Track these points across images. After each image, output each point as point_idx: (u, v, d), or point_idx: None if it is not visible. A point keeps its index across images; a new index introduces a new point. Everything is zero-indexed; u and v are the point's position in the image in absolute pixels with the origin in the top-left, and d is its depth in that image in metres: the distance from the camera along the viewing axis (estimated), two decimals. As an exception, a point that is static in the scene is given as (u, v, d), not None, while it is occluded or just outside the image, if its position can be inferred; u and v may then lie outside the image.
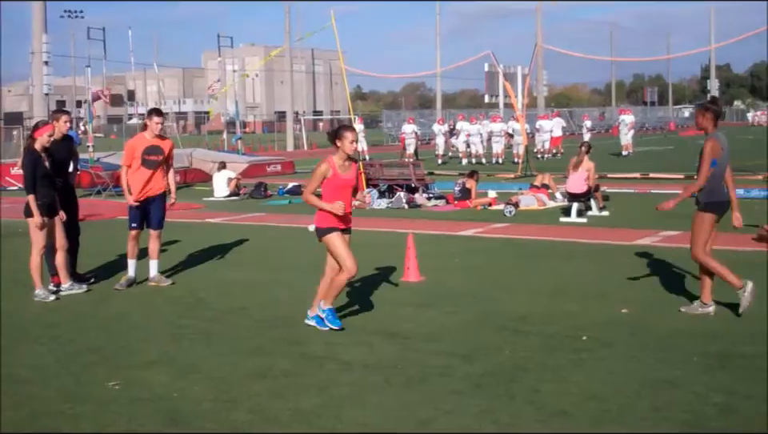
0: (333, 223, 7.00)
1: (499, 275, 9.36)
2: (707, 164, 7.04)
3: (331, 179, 7.01)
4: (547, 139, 35.71)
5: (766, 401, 5.03)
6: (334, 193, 7.00)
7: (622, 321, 7.13)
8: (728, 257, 10.04)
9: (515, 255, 10.75)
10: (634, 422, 4.78)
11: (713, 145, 7.06)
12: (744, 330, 6.70)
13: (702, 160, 7.07)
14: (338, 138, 7.02)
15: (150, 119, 9.16)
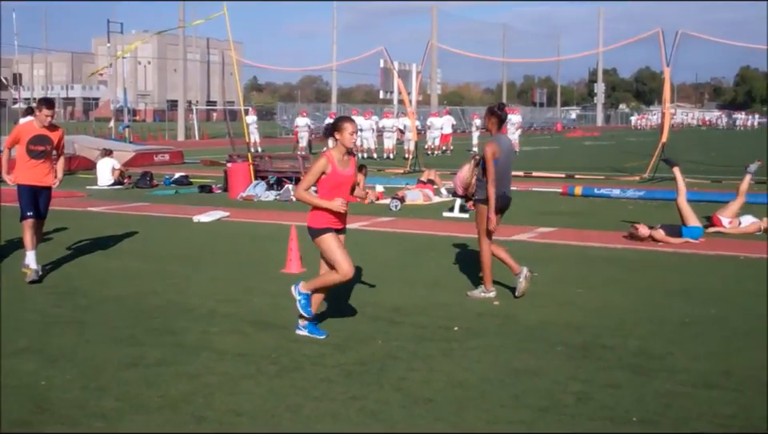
0: (328, 223, 6.48)
1: (380, 267, 9.51)
2: (491, 165, 7.68)
3: (330, 176, 6.45)
4: (437, 136, 36.29)
5: (623, 389, 5.31)
6: (333, 190, 6.47)
7: (493, 312, 7.38)
8: (600, 254, 10.51)
9: (397, 248, 10.93)
10: (494, 409, 4.98)
11: (493, 148, 7.73)
12: (606, 323, 7.01)
13: (486, 162, 7.75)
14: (337, 130, 6.51)
15: (39, 110, 8.89)
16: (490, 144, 7.80)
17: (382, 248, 10.94)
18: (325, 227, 6.48)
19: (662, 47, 22.41)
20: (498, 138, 7.90)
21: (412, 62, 45.35)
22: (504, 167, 7.87)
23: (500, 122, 7.89)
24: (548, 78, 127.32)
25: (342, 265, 6.39)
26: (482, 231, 7.96)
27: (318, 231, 6.50)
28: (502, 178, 7.85)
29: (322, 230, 6.48)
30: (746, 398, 5.17)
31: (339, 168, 6.48)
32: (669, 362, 5.92)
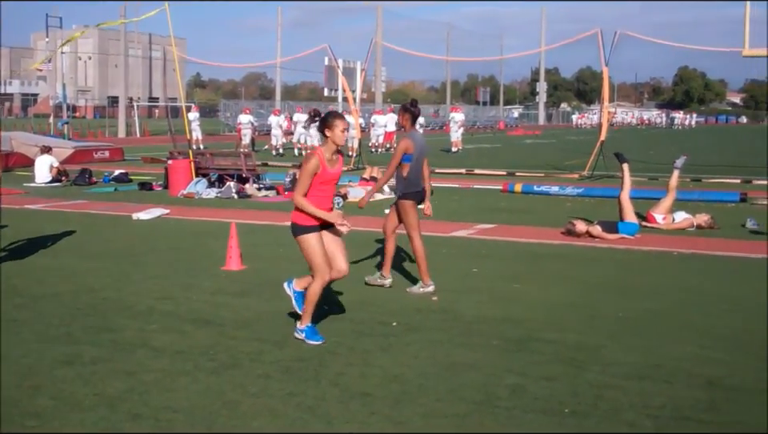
0: (315, 221, 6.26)
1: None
2: (396, 160, 7.97)
3: (319, 175, 6.21)
4: (381, 134, 36.39)
5: (557, 381, 5.41)
6: (319, 188, 6.25)
7: (432, 308, 7.44)
8: (538, 250, 10.66)
9: (376, 248, 10.91)
10: (430, 403, 5.04)
11: (407, 143, 7.93)
12: (543, 317, 7.12)
13: (393, 156, 8.01)
14: (327, 126, 6.25)
15: None
16: (404, 140, 8.00)
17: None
18: (310, 225, 6.24)
19: (600, 47, 22.80)
20: (412, 134, 8.11)
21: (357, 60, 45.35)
22: (418, 163, 8.06)
23: (413, 118, 8.12)
24: (491, 77, 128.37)
25: (319, 270, 6.21)
26: (410, 226, 8.12)
27: (302, 228, 6.24)
28: (416, 174, 8.06)
29: (307, 228, 6.23)
30: (675, 389, 5.30)
31: (328, 167, 6.26)
32: (602, 355, 6.04)
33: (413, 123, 8.15)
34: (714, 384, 5.40)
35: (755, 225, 12.53)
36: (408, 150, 7.93)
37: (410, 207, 8.10)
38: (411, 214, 8.11)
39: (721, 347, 6.21)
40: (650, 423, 4.71)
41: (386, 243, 8.39)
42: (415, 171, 8.02)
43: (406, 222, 8.13)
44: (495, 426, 4.67)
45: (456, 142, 36.42)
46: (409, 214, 8.10)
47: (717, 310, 7.42)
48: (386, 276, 8.31)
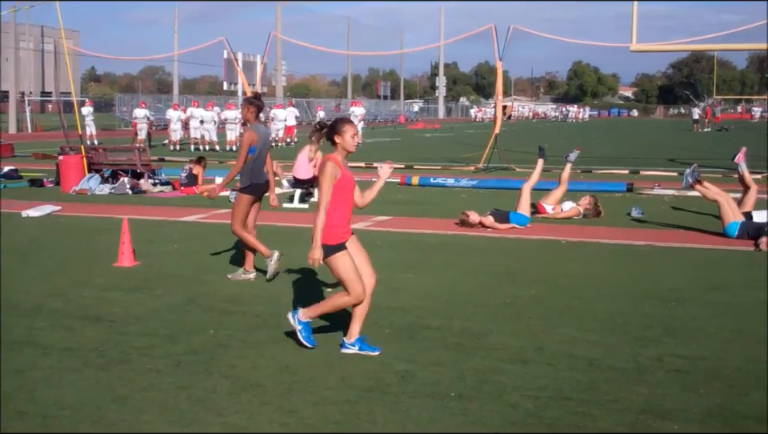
0: (343, 237, 5.88)
1: (216, 259, 9.51)
2: (245, 151, 8.14)
3: (341, 181, 5.86)
4: (281, 128, 36.26)
5: (444, 366, 5.58)
6: (344, 195, 5.91)
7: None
8: (432, 240, 10.86)
9: (235, 240, 10.90)
10: (321, 391, 5.13)
11: (250, 135, 8.19)
12: (434, 305, 7.30)
13: (240, 148, 8.20)
14: (337, 133, 5.97)
15: None
16: (249, 132, 8.22)
17: (218, 240, 10.89)
18: (340, 242, 5.85)
19: (494, 42, 23.27)
20: (256, 127, 8.33)
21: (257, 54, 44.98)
22: (261, 155, 8.27)
23: (258, 111, 8.36)
24: (392, 72, 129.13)
25: (356, 287, 5.77)
26: (236, 218, 8.29)
27: (333, 248, 5.80)
28: (260, 166, 8.28)
29: (338, 247, 5.83)
30: (556, 370, 5.53)
31: (347, 171, 5.98)
32: (488, 340, 6.24)
33: (257, 116, 8.37)
34: (593, 365, 5.65)
35: (639, 213, 13.06)
36: (252, 142, 8.12)
37: (245, 201, 8.31)
38: (242, 207, 8.31)
39: (599, 330, 6.50)
40: (531, 405, 4.90)
41: (242, 239, 8.48)
42: (259, 164, 8.25)
43: (234, 211, 8.35)
44: (384, 411, 4.79)
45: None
46: (240, 207, 8.30)
47: (596, 294, 7.75)
48: (249, 271, 8.39)
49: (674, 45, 26.82)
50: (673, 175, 20.20)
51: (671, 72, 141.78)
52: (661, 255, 9.91)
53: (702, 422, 4.65)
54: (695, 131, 59.78)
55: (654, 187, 17.05)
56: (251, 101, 8.40)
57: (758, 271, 8.87)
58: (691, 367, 5.62)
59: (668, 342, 6.19)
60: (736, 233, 10.83)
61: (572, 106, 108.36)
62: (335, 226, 5.86)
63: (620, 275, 8.65)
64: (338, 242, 5.84)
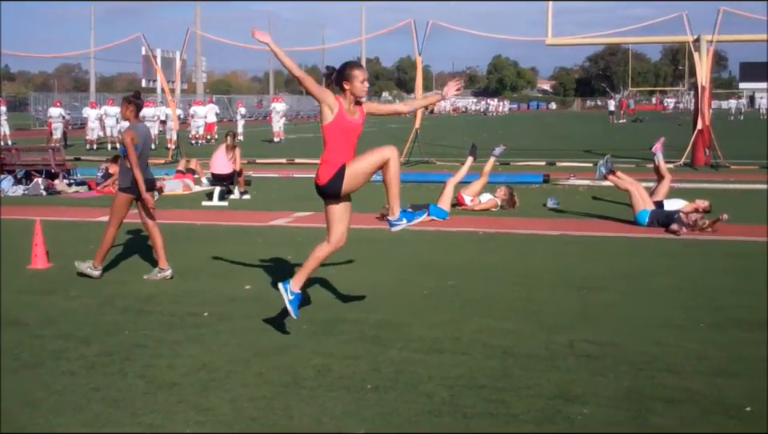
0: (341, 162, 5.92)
1: (135, 258, 9.39)
2: (132, 151, 8.07)
3: (337, 119, 5.84)
4: (201, 125, 35.88)
5: (360, 359, 5.62)
6: (340, 137, 5.88)
7: (244, 296, 7.51)
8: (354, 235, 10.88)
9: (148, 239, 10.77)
10: (238, 388, 5.12)
11: (132, 135, 8.13)
12: (353, 299, 7.34)
13: (127, 148, 8.09)
14: (345, 79, 5.85)
15: None
16: (128, 131, 8.16)
17: (135, 240, 10.75)
18: (340, 166, 5.93)
19: (413, 37, 23.44)
20: (135, 126, 8.29)
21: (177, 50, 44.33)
22: (143, 155, 8.23)
23: (137, 109, 8.31)
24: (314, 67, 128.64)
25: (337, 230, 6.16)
26: (113, 216, 8.28)
27: (338, 173, 5.94)
28: (142, 165, 8.22)
29: (341, 169, 5.93)
30: (472, 359, 5.63)
31: (347, 115, 5.90)
32: (405, 332, 6.32)
33: (136, 115, 8.33)
34: (508, 353, 5.77)
35: (555, 204, 13.34)
36: (134, 140, 8.08)
37: (125, 200, 8.28)
38: (122, 206, 8.29)
39: (514, 319, 6.63)
40: (446, 393, 4.99)
41: (151, 236, 8.45)
42: (141, 163, 8.17)
43: (112, 210, 8.32)
44: (300, 406, 4.82)
45: (278, 132, 36.42)
46: (120, 206, 8.28)
47: (512, 284, 7.91)
48: (164, 268, 8.31)
49: (588, 38, 27.42)
50: (588, 166, 20.64)
51: (588, 65, 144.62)
52: (574, 244, 10.16)
53: (611, 405, 4.79)
54: (611, 123, 61.22)
55: (570, 178, 17.43)
56: (130, 99, 8.35)
57: (668, 258, 9.16)
58: (601, 352, 5.78)
59: (580, 328, 6.35)
60: (646, 221, 11.16)
61: (492, 99, 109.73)
62: (332, 162, 5.96)
63: (535, 265, 8.84)
64: (336, 169, 5.93)
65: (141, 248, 9.83)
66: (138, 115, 8.39)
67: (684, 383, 5.12)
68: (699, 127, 21.61)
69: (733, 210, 12.79)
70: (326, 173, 6.00)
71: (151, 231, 8.39)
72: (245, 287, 7.88)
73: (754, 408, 4.72)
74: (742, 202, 14.02)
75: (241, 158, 15.21)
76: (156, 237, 8.38)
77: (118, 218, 8.31)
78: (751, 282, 7.90)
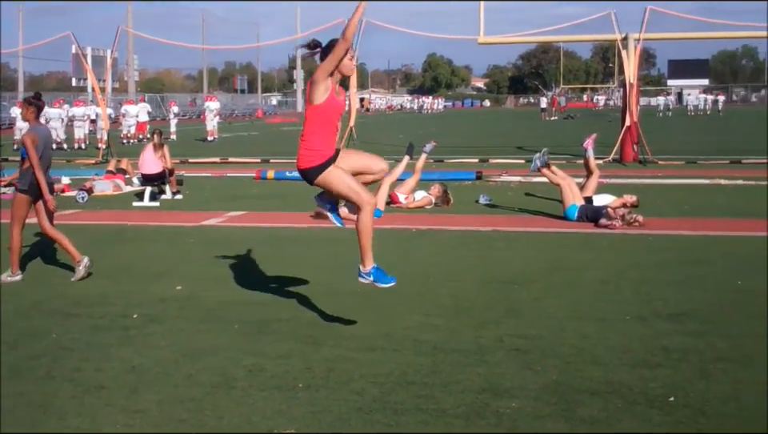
0: (327, 155, 5.78)
1: (62, 261, 9.22)
2: (34, 152, 8.00)
3: (330, 98, 5.74)
4: (133, 124, 35.35)
5: (292, 358, 5.62)
6: (329, 117, 5.78)
7: (175, 297, 7.44)
8: (286, 234, 10.88)
9: (81, 240, 10.59)
10: (167, 390, 5.09)
11: (32, 136, 8.09)
12: (284, 298, 7.31)
13: (28, 151, 8.02)
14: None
15: None
16: (29, 133, 8.10)
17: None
18: (325, 159, 5.80)
19: (347, 35, 23.41)
20: (36, 128, 8.22)
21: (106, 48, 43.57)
22: (44, 156, 8.16)
23: (38, 111, 8.24)
24: (249, 65, 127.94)
25: (360, 193, 5.85)
26: (15, 218, 8.21)
27: (319, 167, 5.81)
28: (43, 167, 8.13)
29: (324, 164, 5.80)
30: (402, 356, 5.68)
31: (336, 94, 5.82)
32: (337, 329, 6.34)
33: (37, 117, 8.27)
34: (438, 349, 5.83)
35: (487, 200, 13.50)
36: (35, 142, 8.01)
37: (25, 202, 8.21)
38: (23, 208, 8.22)
39: (445, 315, 6.70)
40: (376, 390, 5.02)
41: (11, 238, 8.29)
42: (42, 165, 8.08)
43: (13, 212, 8.24)
44: (230, 406, 4.81)
45: (212, 131, 36.09)
46: (21, 208, 8.21)
47: (443, 280, 7.99)
48: (79, 262, 8.22)
49: (519, 37, 27.75)
50: (520, 163, 20.97)
51: (521, 63, 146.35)
52: (506, 239, 10.29)
53: (539, 398, 4.88)
54: (543, 119, 62.07)
55: (502, 175, 17.64)
56: (30, 101, 8.26)
57: (595, 252, 9.34)
58: (530, 346, 5.88)
59: (509, 323, 6.45)
60: (575, 215, 11.37)
61: (427, 97, 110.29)
62: (316, 148, 5.81)
63: (466, 261, 8.93)
64: (321, 161, 5.80)
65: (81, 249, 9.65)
66: (39, 117, 8.31)
67: (609, 376, 5.24)
68: (627, 124, 22.04)
69: (660, 204, 13.13)
70: (311, 159, 5.86)
71: (51, 234, 8.35)
72: (176, 287, 7.80)
73: (677, 398, 4.85)
74: (668, 196, 14.35)
75: (171, 157, 15.06)
76: (60, 237, 8.35)
77: (19, 219, 8.22)
78: (675, 274, 8.11)
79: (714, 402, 4.79)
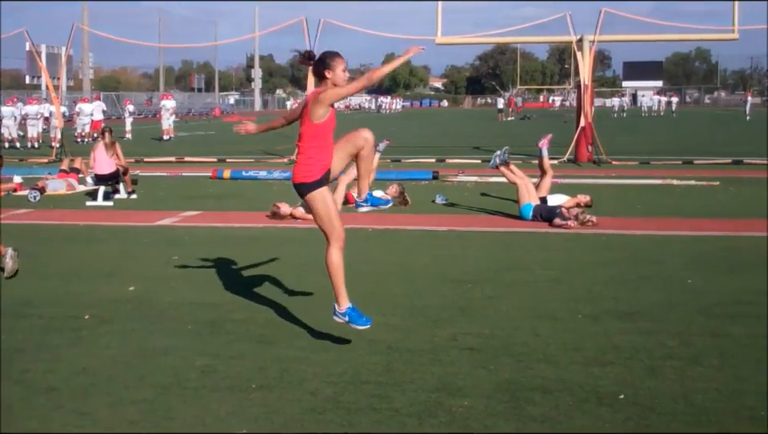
0: (326, 167, 5.67)
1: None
2: None
3: (331, 115, 5.69)
4: (87, 123, 34.90)
5: (246, 359, 5.60)
6: (328, 133, 5.69)
7: (127, 298, 7.36)
8: (241, 234, 10.82)
9: (34, 241, 10.46)
10: (118, 391, 5.04)
11: None
12: (238, 298, 7.27)
13: None
14: (328, 68, 5.62)
15: None
16: None
17: (14, 241, 10.40)
18: (321, 175, 5.65)
19: (305, 34, 23.40)
20: None
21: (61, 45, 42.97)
22: None
23: None
24: (207, 63, 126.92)
25: (337, 230, 5.73)
26: None
27: (314, 184, 5.66)
28: None
29: (319, 181, 5.66)
30: (356, 355, 5.68)
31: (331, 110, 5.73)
32: (292, 330, 6.32)
33: None
34: (392, 348, 5.84)
35: (443, 200, 13.56)
36: None
37: None
38: None
39: (399, 314, 6.72)
40: (330, 390, 5.02)
41: None
42: None
43: None
44: (182, 407, 4.77)
45: (168, 130, 35.78)
46: None
47: (399, 280, 8.00)
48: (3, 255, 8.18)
49: (476, 38, 27.90)
50: (477, 163, 21.10)
51: (478, 64, 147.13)
52: (461, 239, 10.35)
53: (491, 397, 4.92)
54: (500, 120, 62.48)
55: (458, 174, 17.73)
56: None
57: (548, 252, 9.43)
58: (483, 345, 5.92)
59: (463, 322, 6.49)
60: (530, 215, 11.47)
61: (385, 97, 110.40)
62: (316, 162, 5.69)
63: (421, 260, 8.96)
64: (319, 176, 5.67)
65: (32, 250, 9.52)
66: None
67: (560, 373, 5.30)
68: (582, 125, 22.27)
69: (613, 204, 13.30)
70: (309, 174, 5.70)
71: None
72: (129, 288, 7.73)
73: (626, 396, 4.91)
74: (622, 196, 14.53)
75: (125, 156, 14.92)
76: None
77: None
78: (627, 273, 8.22)
79: (663, 399, 4.87)
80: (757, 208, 12.83)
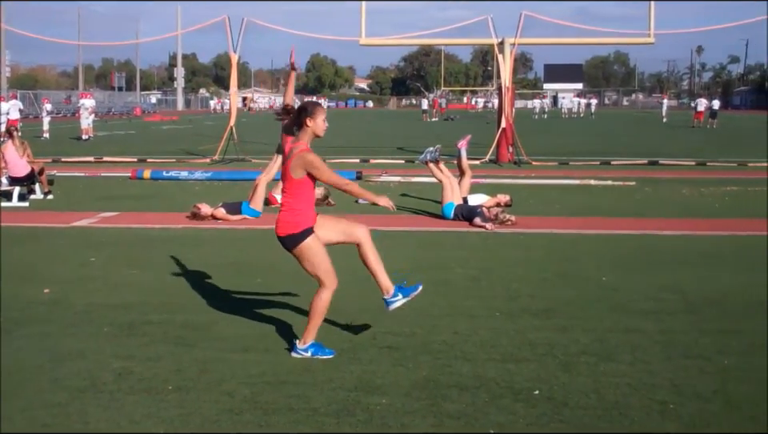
0: (311, 221, 5.64)
1: None
2: None
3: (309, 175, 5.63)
4: (3, 122, 33.91)
5: (163, 360, 5.55)
6: (307, 188, 5.64)
7: (42, 300, 7.21)
8: (160, 235, 10.68)
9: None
10: (31, 395, 4.93)
11: None
12: (156, 300, 7.18)
13: None
14: (309, 116, 5.59)
15: None
16: None
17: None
18: (308, 227, 5.63)
19: (228, 34, 23.17)
20: None
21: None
22: None
23: None
24: (128, 62, 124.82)
25: (329, 276, 5.74)
26: None
27: (302, 233, 5.62)
28: None
29: (307, 231, 5.63)
30: (276, 356, 5.68)
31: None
32: (211, 331, 6.28)
33: None
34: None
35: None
36: None
37: None
38: None
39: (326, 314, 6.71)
40: (248, 391, 5.01)
41: None
42: None
43: None
44: (97, 410, 4.71)
45: (86, 129, 35.02)
46: None
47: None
48: None
49: (399, 39, 28.05)
50: (400, 163, 21.21)
51: (403, 65, 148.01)
52: (383, 238, 10.33)
53: (409, 394, 4.97)
54: (424, 121, 62.94)
55: (382, 175, 17.81)
56: None
57: (468, 250, 9.56)
58: (402, 343, 5.98)
59: (382, 320, 6.53)
60: (451, 214, 11.61)
61: (310, 97, 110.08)
62: (299, 213, 5.63)
63: (342, 260, 8.90)
64: (304, 227, 5.62)
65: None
66: None
67: (477, 370, 5.38)
68: (503, 126, 22.58)
69: (533, 203, 13.54)
70: (294, 225, 5.66)
71: None
72: (44, 290, 7.56)
73: (541, 391, 5.02)
74: (541, 196, 14.79)
75: (37, 156, 14.63)
76: None
77: None
78: (544, 271, 8.38)
79: (576, 394, 4.99)
80: (671, 208, 13.22)
